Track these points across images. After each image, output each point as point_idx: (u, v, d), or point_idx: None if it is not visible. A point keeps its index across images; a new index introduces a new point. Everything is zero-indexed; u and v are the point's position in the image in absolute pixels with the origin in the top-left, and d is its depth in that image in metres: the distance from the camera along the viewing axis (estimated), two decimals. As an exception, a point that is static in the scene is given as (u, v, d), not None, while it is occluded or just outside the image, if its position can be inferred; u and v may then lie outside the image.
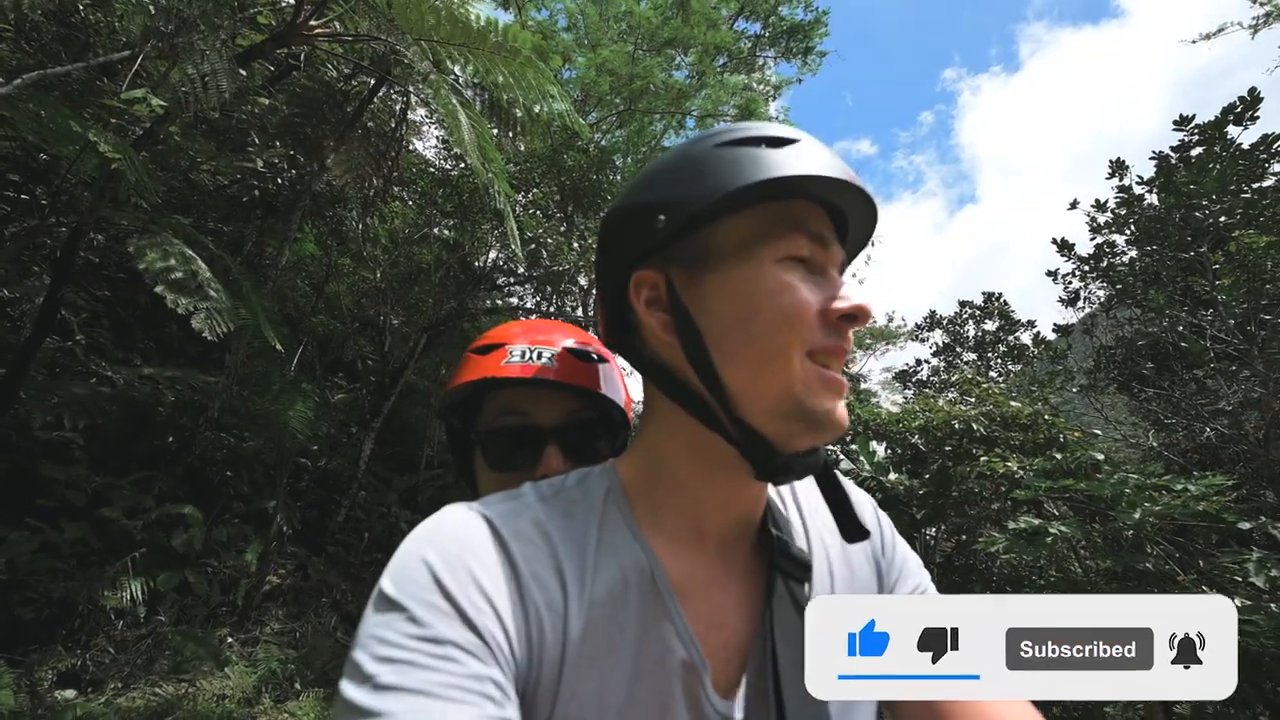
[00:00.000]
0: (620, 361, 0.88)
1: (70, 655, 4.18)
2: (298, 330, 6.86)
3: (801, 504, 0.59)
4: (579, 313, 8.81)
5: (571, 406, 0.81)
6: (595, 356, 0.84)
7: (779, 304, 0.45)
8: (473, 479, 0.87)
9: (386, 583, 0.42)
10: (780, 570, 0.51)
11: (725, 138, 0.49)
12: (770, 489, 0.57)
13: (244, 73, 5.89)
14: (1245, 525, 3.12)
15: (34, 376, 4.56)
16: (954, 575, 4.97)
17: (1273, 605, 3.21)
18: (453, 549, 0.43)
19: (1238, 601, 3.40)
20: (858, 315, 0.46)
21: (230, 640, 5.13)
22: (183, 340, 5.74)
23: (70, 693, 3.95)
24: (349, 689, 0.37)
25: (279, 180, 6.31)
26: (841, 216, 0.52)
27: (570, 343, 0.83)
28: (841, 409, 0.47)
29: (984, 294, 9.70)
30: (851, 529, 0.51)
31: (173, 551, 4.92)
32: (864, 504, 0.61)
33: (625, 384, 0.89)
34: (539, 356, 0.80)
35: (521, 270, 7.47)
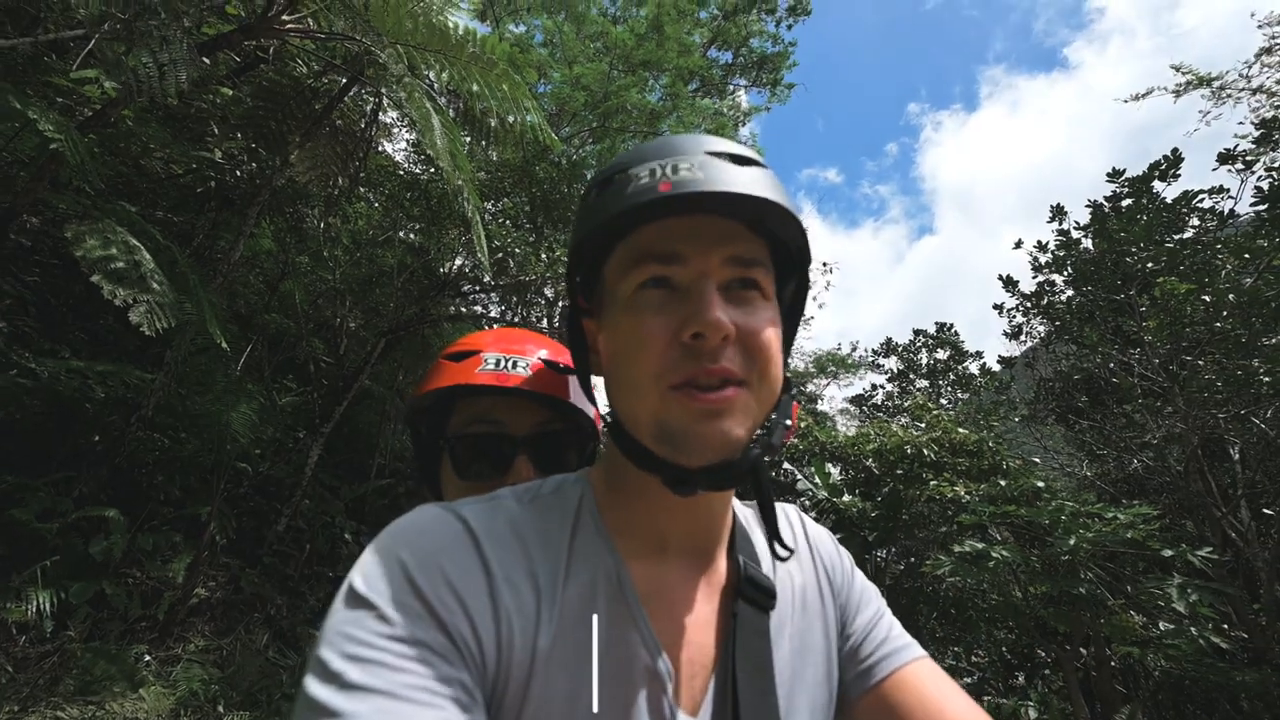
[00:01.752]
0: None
1: (-41, 673, 3.79)
2: (247, 328, 6.56)
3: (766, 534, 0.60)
4: (544, 324, 8.75)
5: (543, 417, 0.81)
6: (568, 368, 0.84)
7: (628, 340, 0.47)
8: (437, 487, 0.86)
9: (357, 579, 0.41)
10: (744, 596, 0.52)
11: (587, 185, 0.54)
12: (739, 517, 0.58)
13: (207, 61, 5.71)
14: (1168, 553, 3.32)
15: (-56, 364, 4.21)
16: (902, 598, 5.09)
17: (1192, 629, 3.40)
18: (426, 548, 0.43)
19: (1162, 625, 3.60)
20: (706, 334, 0.44)
21: (148, 658, 4.75)
22: (120, 333, 5.40)
23: (-45, 716, 3.57)
24: (314, 686, 0.36)
25: (238, 173, 6.09)
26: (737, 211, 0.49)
27: (544, 354, 0.83)
28: (712, 427, 0.44)
29: (936, 324, 10.14)
30: (772, 539, 0.53)
31: (90, 559, 4.55)
32: (824, 538, 0.64)
33: (594, 397, 0.90)
34: (513, 365, 0.80)
35: (488, 279, 7.39)
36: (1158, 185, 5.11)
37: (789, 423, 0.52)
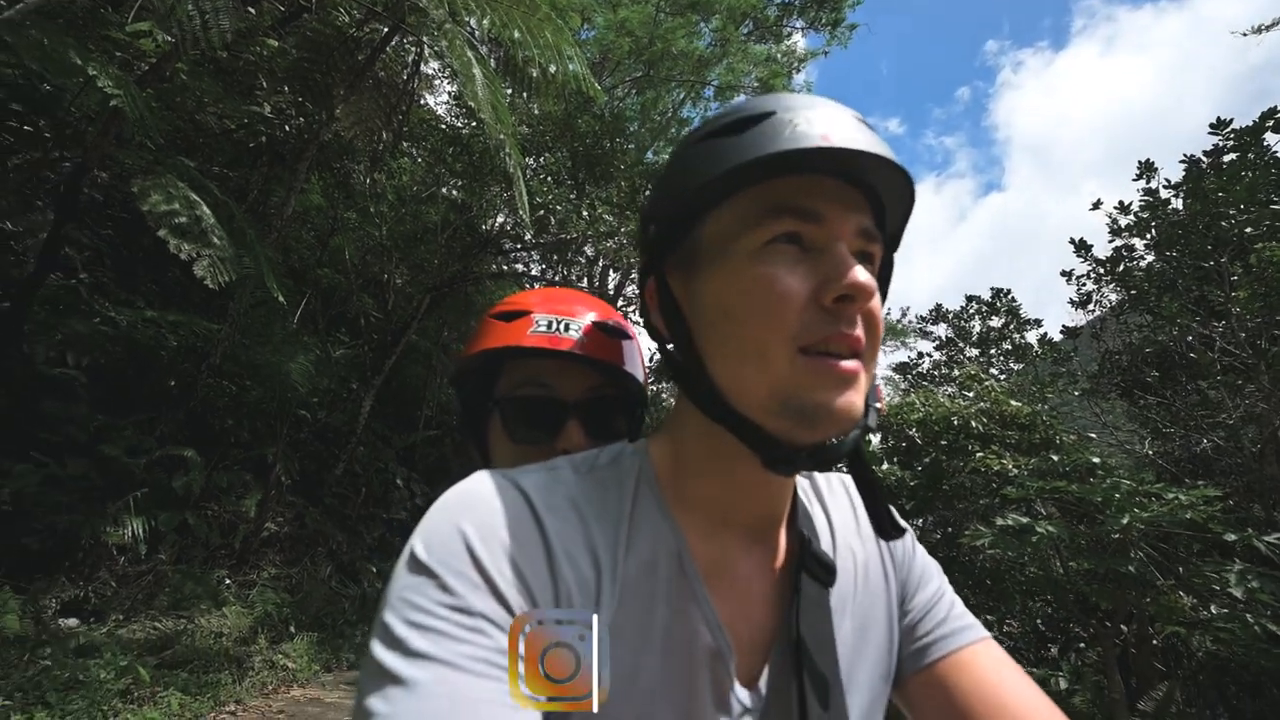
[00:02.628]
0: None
1: (74, 586, 4.31)
2: (301, 283, 6.83)
3: (829, 507, 0.59)
4: (584, 283, 8.75)
5: (594, 382, 0.80)
6: (619, 332, 0.82)
7: (755, 299, 0.43)
8: (484, 446, 0.85)
9: (419, 545, 0.42)
10: (807, 570, 0.51)
11: (702, 131, 0.48)
12: (798, 490, 0.57)
13: (252, 11, 5.71)
14: (1231, 536, 3.15)
15: (37, 312, 4.57)
16: (937, 566, 5.06)
17: (1248, 615, 3.27)
18: (487, 519, 0.43)
19: (1214, 609, 3.47)
20: (854, 295, 0.42)
21: (228, 581, 5.28)
22: (186, 285, 5.72)
23: (73, 621, 4.09)
24: (379, 650, 0.37)
25: (286, 127, 6.18)
26: (864, 181, 0.47)
27: (594, 316, 0.82)
28: (844, 399, 0.42)
29: (992, 289, 9.58)
30: (885, 525, 0.50)
31: (173, 493, 5.02)
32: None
33: (644, 361, 0.88)
34: (565, 328, 0.78)
35: (529, 237, 7.37)
36: (1269, 138, 4.54)
37: (879, 405, 0.51)
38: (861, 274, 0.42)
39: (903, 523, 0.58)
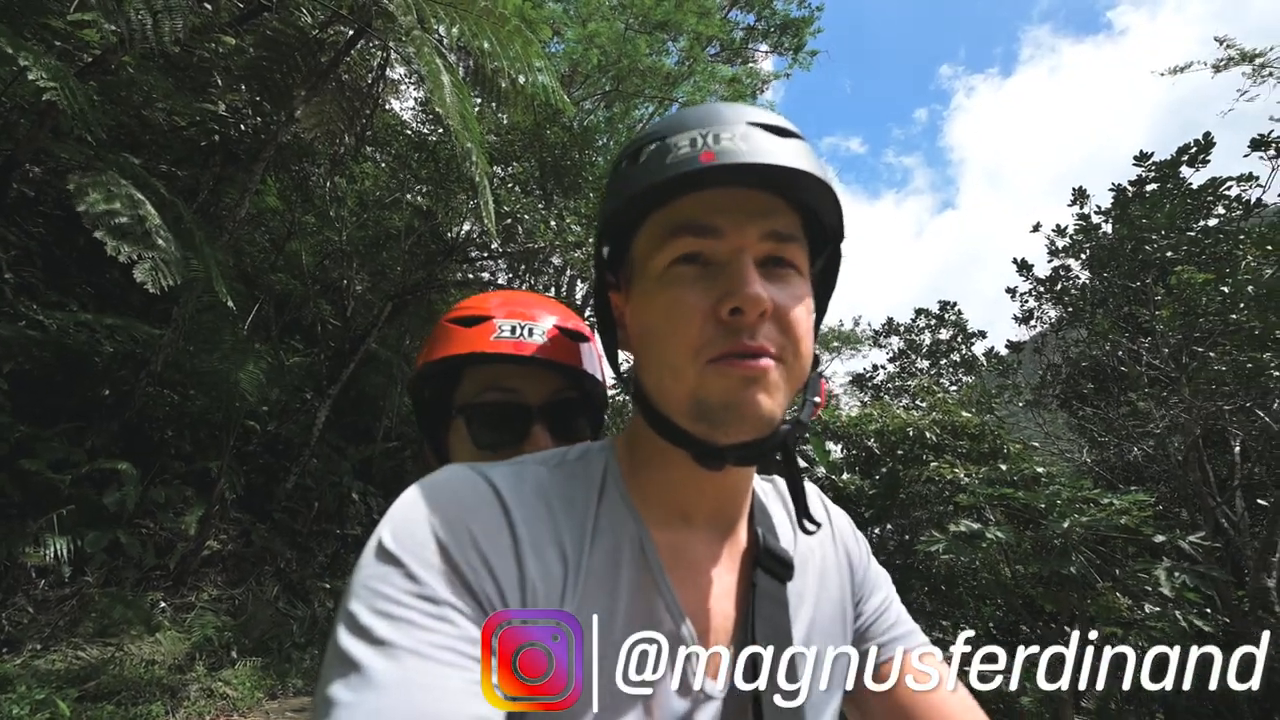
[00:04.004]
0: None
1: (-18, 613, 3.94)
2: (254, 287, 6.54)
3: (789, 508, 0.61)
4: (551, 292, 8.70)
5: (558, 385, 0.80)
6: (580, 335, 0.83)
7: (663, 318, 0.46)
8: (443, 453, 0.85)
9: (386, 535, 0.42)
10: (763, 566, 0.53)
11: (619, 155, 0.52)
12: (758, 491, 0.59)
13: (209, 6, 5.51)
14: (1160, 538, 3.37)
15: (-47, 314, 4.22)
16: (895, 573, 5.21)
17: (1177, 613, 3.49)
18: (455, 510, 0.43)
19: (1147, 608, 3.69)
20: (745, 309, 0.43)
21: (163, 605, 4.92)
22: (125, 288, 5.39)
23: (-19, 652, 3.73)
24: (344, 638, 0.37)
25: (242, 126, 5.96)
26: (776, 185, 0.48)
27: (555, 320, 0.82)
28: (751, 397, 0.43)
29: (939, 303, 10.02)
30: (804, 519, 0.53)
31: (103, 509, 4.67)
32: (844, 520, 0.65)
33: (603, 363, 0.89)
34: (529, 333, 0.79)
35: (496, 245, 7.30)
36: (1186, 171, 4.97)
37: (818, 400, 0.52)
38: (755, 286, 0.43)
39: (856, 540, 0.64)
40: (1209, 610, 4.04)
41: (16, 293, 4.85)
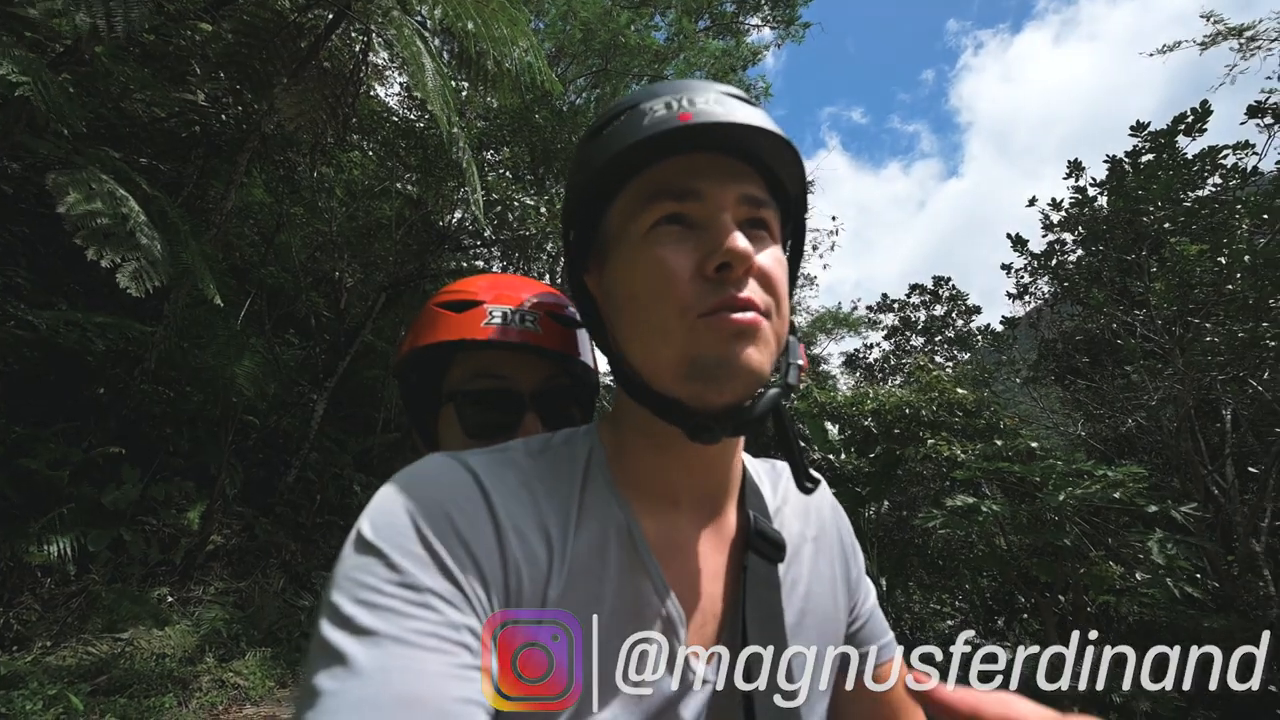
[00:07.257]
0: None
1: (-9, 613, 3.97)
2: (245, 282, 6.47)
3: (782, 491, 0.61)
4: (546, 279, 8.64)
5: (549, 372, 0.79)
6: (572, 320, 0.82)
7: (649, 279, 0.46)
8: (432, 440, 0.83)
9: (365, 526, 0.42)
10: (754, 548, 0.52)
11: (585, 134, 0.52)
12: (749, 471, 0.59)
13: (182, -8, 5.33)
14: (1152, 509, 3.43)
15: (-60, 317, 4.16)
16: (893, 549, 5.30)
17: (1168, 580, 3.56)
18: (434, 497, 0.43)
19: (1139, 576, 3.76)
20: (732, 264, 0.44)
21: (170, 599, 4.97)
22: (114, 285, 5.31)
23: (-8, 651, 3.77)
24: (327, 629, 0.37)
25: (223, 117, 5.83)
26: (746, 151, 0.48)
27: (546, 305, 0.80)
28: (744, 351, 0.43)
29: (934, 278, 9.97)
30: (801, 479, 0.53)
31: (104, 508, 4.68)
32: (842, 512, 0.65)
33: (594, 349, 0.89)
34: (521, 320, 0.77)
35: (488, 233, 7.22)
36: (1182, 140, 4.92)
37: (801, 362, 0.52)
38: (739, 241, 0.44)
39: (850, 538, 0.63)
40: (1199, 576, 4.13)
41: (3, 292, 4.78)
